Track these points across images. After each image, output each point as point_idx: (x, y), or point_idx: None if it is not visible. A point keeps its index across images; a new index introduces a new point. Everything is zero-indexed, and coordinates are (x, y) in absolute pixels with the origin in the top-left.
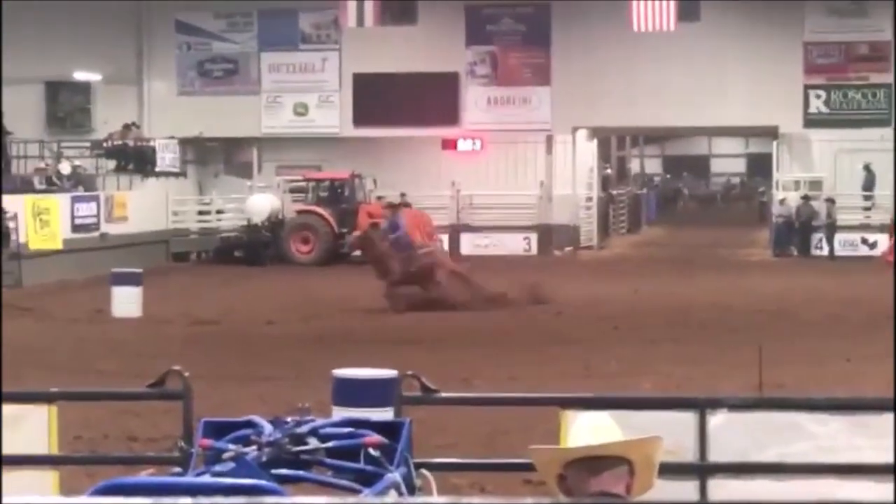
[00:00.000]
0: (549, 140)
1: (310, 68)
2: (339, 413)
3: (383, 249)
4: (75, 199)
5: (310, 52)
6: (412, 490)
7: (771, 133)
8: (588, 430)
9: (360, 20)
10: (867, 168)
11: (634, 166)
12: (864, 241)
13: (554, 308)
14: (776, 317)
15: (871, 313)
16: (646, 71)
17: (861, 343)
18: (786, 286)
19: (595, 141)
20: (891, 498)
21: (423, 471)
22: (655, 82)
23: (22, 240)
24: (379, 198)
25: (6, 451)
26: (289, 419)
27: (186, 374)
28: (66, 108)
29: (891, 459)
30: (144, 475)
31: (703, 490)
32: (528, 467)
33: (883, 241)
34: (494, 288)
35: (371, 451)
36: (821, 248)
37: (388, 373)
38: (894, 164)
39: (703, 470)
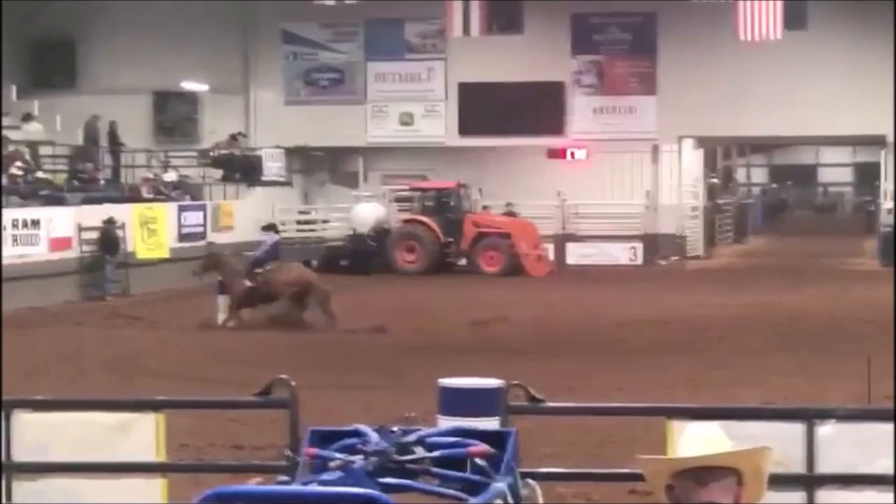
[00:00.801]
0: (655, 149)
1: (415, 78)
2: (445, 422)
3: (228, 269)
4: (182, 209)
5: (415, 62)
6: (518, 499)
7: (879, 142)
8: (697, 440)
9: (467, 30)
10: None
11: (740, 176)
12: None
13: (660, 316)
14: (884, 327)
15: None
16: (752, 80)
17: None
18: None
19: (701, 150)
20: None
21: (529, 480)
22: (761, 91)
23: (130, 249)
24: (485, 207)
25: (116, 457)
26: (395, 428)
27: (293, 382)
28: (174, 118)
29: None
30: (252, 483)
31: (811, 501)
32: (634, 477)
33: None
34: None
35: (477, 460)
36: None
37: (494, 382)
38: None
39: (811, 481)
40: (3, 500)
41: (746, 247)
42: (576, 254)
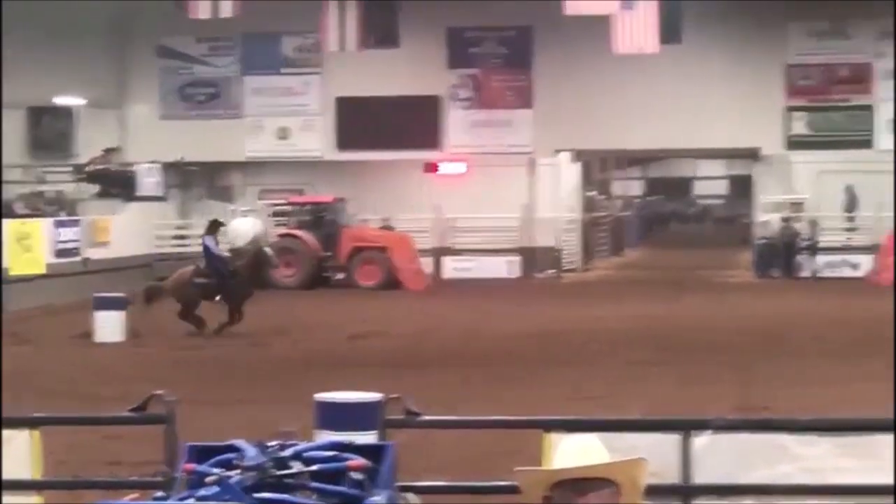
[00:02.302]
0: (532, 163)
1: (292, 92)
2: (323, 437)
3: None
4: (58, 224)
5: (292, 76)
6: None
7: (753, 155)
8: (574, 451)
9: (342, 44)
10: (849, 189)
11: (617, 188)
12: (848, 263)
13: (538, 329)
14: (761, 338)
15: (857, 335)
16: (628, 93)
17: (847, 364)
18: (770, 308)
19: (578, 163)
20: None
21: (408, 494)
22: (638, 104)
23: (4, 265)
24: (363, 221)
25: None
26: (272, 443)
27: (170, 398)
28: (49, 133)
29: (877, 480)
30: (128, 500)
31: None
32: (514, 489)
33: (866, 262)
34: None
35: (355, 474)
36: (803, 269)
37: (371, 396)
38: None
39: (687, 491)
40: None
41: (623, 259)
42: (453, 267)
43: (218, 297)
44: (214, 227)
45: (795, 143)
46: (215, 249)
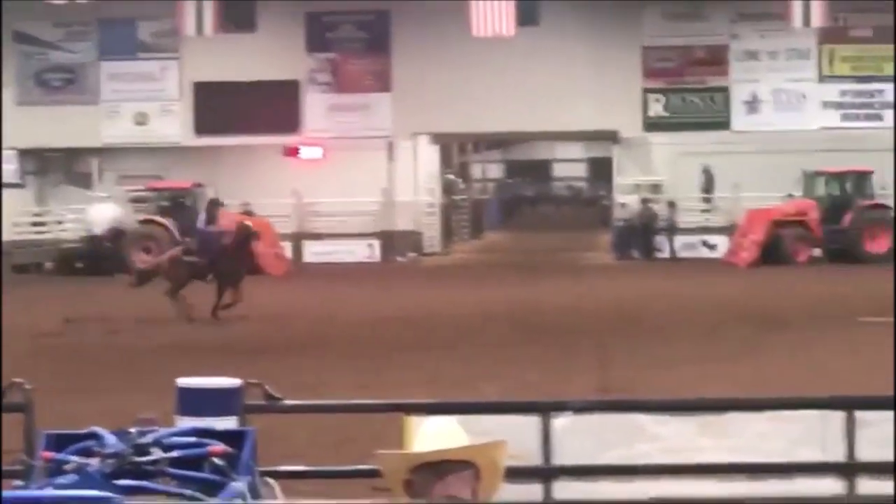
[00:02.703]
0: (391, 146)
1: (150, 77)
2: (183, 423)
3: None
4: None
5: (149, 61)
6: (257, 498)
7: (611, 137)
8: (434, 435)
9: (199, 28)
10: (706, 171)
11: (476, 171)
12: (705, 244)
13: (398, 313)
14: (620, 320)
15: (714, 315)
16: (486, 76)
17: (705, 344)
18: (629, 289)
19: (436, 146)
20: (727, 494)
21: (269, 479)
22: (496, 87)
23: None
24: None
25: None
26: (132, 430)
27: (28, 386)
28: None
29: (734, 459)
30: None
31: (547, 493)
32: (375, 473)
33: (723, 242)
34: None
35: (215, 460)
36: (662, 250)
37: (231, 381)
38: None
39: (547, 473)
40: None
41: (483, 242)
42: (313, 252)
43: (210, 277)
44: (211, 206)
45: (653, 126)
46: (203, 228)
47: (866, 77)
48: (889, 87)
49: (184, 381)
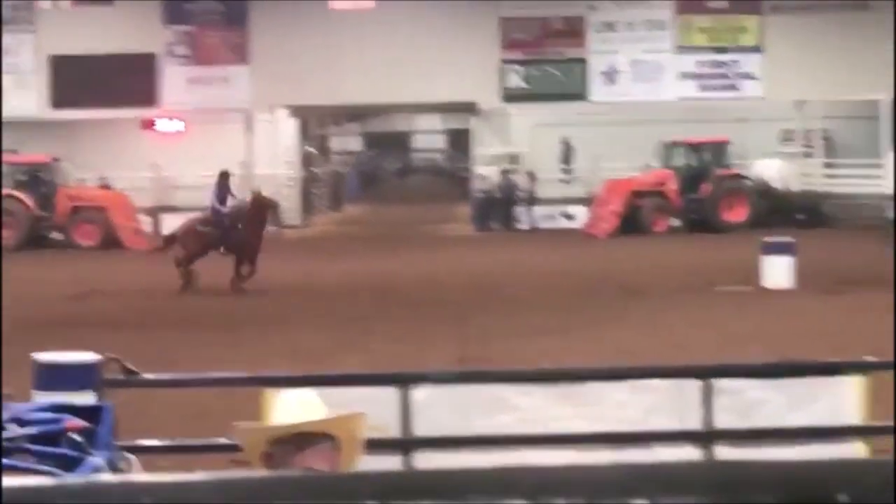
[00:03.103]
0: (249, 119)
1: (5, 51)
2: (41, 398)
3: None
4: None
5: (4, 34)
6: (116, 473)
7: (470, 109)
8: (292, 407)
9: (55, 1)
10: (565, 142)
11: (336, 144)
12: (564, 214)
13: (258, 287)
14: (480, 291)
15: (574, 285)
16: (345, 48)
17: (565, 315)
18: (489, 260)
19: (295, 119)
20: (586, 462)
21: (127, 454)
22: (355, 60)
23: None
24: (80, 180)
25: None
26: None
27: None
28: None
29: (593, 428)
30: None
31: (407, 464)
32: (235, 448)
33: (582, 213)
34: None
35: (73, 435)
36: (521, 221)
37: (89, 356)
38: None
39: (407, 444)
40: None
41: (343, 215)
42: (173, 225)
43: (222, 249)
44: (223, 177)
45: (511, 97)
46: (213, 200)
47: (723, 48)
48: (745, 57)
49: (41, 356)
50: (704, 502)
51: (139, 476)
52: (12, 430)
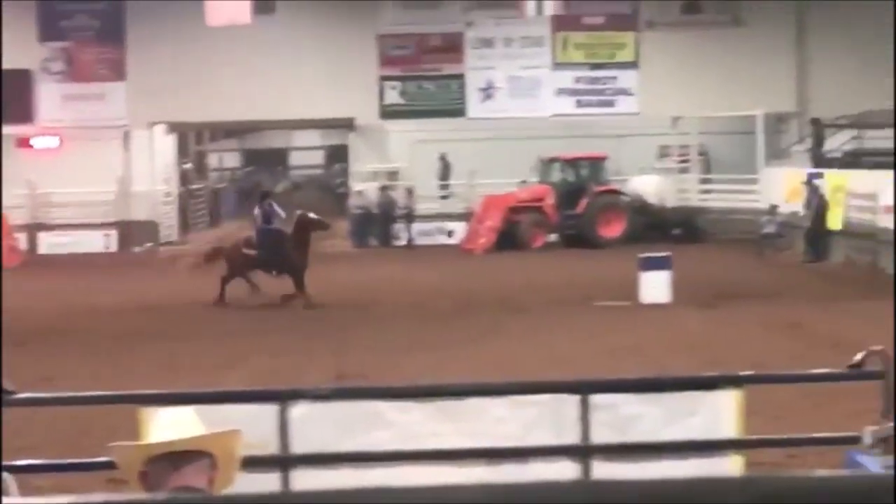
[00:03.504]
0: (126, 136)
1: None
2: None
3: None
4: None
5: None
6: None
7: (348, 125)
8: (169, 425)
9: None
10: (443, 158)
11: (214, 160)
12: (442, 230)
13: (136, 303)
14: (358, 307)
15: (452, 301)
16: (223, 65)
17: (443, 330)
18: (367, 276)
19: (173, 136)
20: (465, 479)
21: (4, 474)
22: (233, 76)
23: None
24: None
25: None
26: None
27: None
28: None
29: (472, 444)
30: None
31: (285, 481)
32: (111, 465)
33: (460, 228)
34: None
35: None
36: (400, 237)
37: None
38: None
39: (285, 462)
40: None
41: (221, 231)
42: (49, 243)
43: (274, 273)
44: (264, 197)
45: (389, 113)
46: (258, 221)
47: (600, 64)
48: (621, 73)
49: None
50: None
51: (15, 498)
52: None
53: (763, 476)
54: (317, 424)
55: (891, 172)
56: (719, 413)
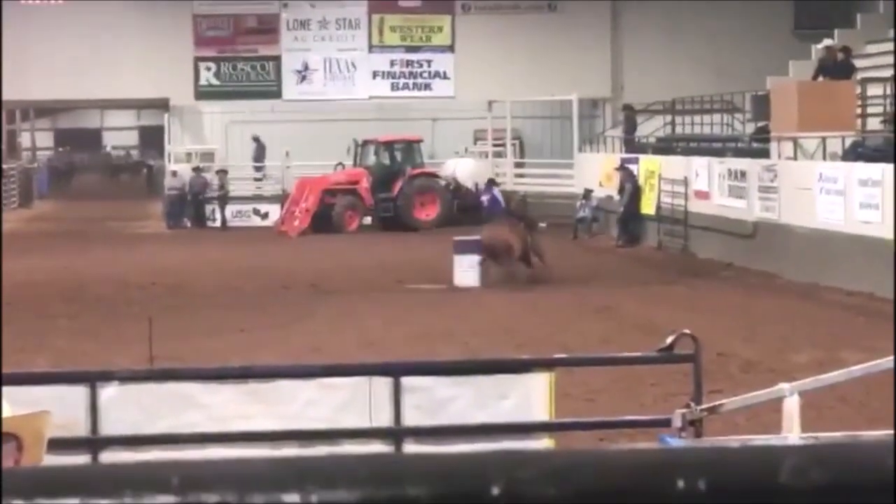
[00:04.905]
0: None
1: None
2: None
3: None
4: None
5: None
6: None
7: (163, 105)
8: None
9: None
10: (257, 139)
11: (25, 140)
12: (257, 212)
13: None
14: (171, 289)
15: (265, 283)
16: (36, 43)
17: (255, 313)
18: (180, 258)
19: None
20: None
21: None
22: (46, 54)
23: None
24: None
25: None
26: None
27: None
28: None
29: (283, 426)
30: None
31: (94, 463)
32: None
33: (274, 211)
34: None
35: None
36: (214, 219)
37: None
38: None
39: (94, 444)
40: None
41: (33, 212)
42: None
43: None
44: (492, 184)
45: (205, 94)
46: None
47: (416, 47)
48: (437, 56)
49: None
50: (358, 496)
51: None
52: None
53: (560, 450)
54: (127, 406)
55: (702, 159)
56: (531, 396)
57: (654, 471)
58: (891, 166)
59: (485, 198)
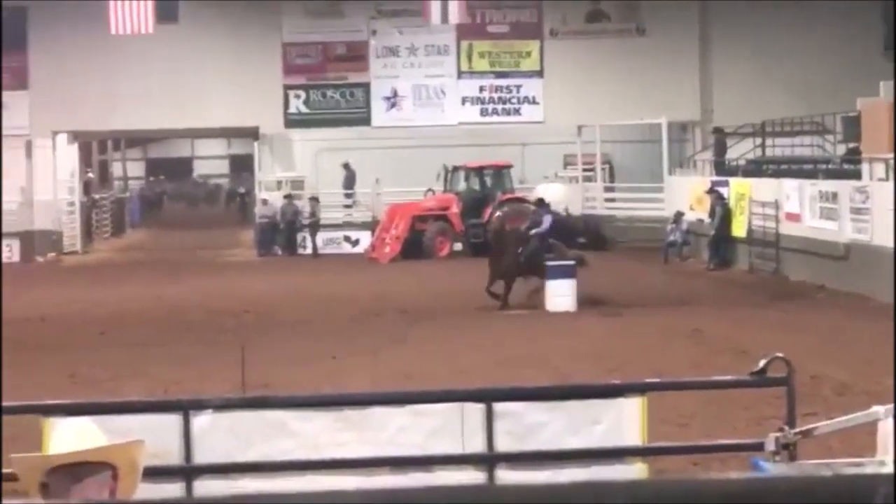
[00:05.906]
0: (29, 145)
1: None
2: None
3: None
4: None
5: None
6: None
7: (252, 133)
8: (70, 436)
9: None
10: (347, 166)
11: (117, 170)
12: (347, 239)
13: (38, 313)
14: (262, 317)
15: (356, 310)
16: (126, 74)
17: (346, 340)
18: (271, 286)
19: (76, 145)
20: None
21: None
22: (136, 85)
23: None
24: None
25: None
26: None
27: None
28: None
29: (375, 453)
30: None
31: (189, 491)
32: (12, 478)
33: (365, 237)
34: None
35: None
36: (305, 246)
37: None
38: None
39: (188, 472)
40: None
41: (125, 241)
42: None
43: None
44: (542, 204)
45: (294, 122)
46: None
47: (505, 72)
48: (526, 81)
49: None
50: None
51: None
52: None
53: (649, 480)
54: (220, 434)
55: (793, 181)
56: (623, 421)
57: (744, 501)
58: None
59: (547, 221)
